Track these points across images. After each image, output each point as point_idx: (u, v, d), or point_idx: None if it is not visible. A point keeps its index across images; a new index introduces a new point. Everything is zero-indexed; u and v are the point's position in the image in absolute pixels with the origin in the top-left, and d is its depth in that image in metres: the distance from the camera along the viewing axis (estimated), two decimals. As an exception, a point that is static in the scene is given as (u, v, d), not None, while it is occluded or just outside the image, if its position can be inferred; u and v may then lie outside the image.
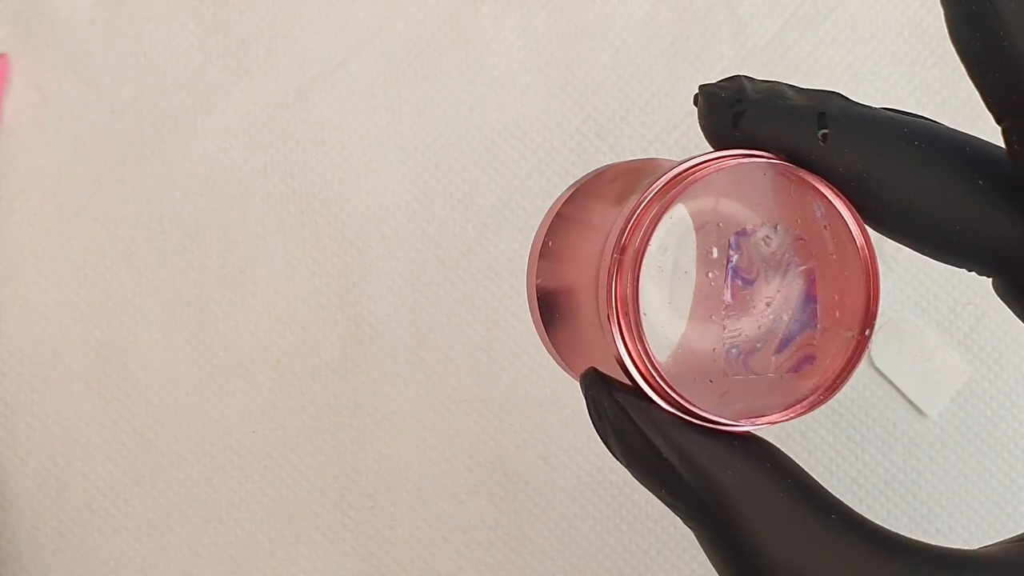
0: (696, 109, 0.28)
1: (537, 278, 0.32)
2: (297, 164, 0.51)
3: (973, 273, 0.28)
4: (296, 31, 0.52)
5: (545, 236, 0.33)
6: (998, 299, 0.28)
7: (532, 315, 0.32)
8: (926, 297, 0.51)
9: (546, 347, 0.32)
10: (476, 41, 0.52)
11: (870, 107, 0.28)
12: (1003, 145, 0.27)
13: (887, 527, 0.27)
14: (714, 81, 0.29)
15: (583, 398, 0.29)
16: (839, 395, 0.52)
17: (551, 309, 0.32)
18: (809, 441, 0.50)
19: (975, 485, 0.50)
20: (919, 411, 0.51)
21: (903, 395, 0.50)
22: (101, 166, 0.51)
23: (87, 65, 0.52)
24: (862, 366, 0.51)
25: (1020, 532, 0.27)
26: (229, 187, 0.51)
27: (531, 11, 0.52)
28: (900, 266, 0.51)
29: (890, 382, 0.51)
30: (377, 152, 0.52)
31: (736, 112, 0.28)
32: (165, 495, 0.51)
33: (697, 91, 0.29)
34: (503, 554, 0.50)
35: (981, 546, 0.27)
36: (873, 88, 0.51)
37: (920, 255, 0.29)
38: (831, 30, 0.52)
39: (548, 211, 0.33)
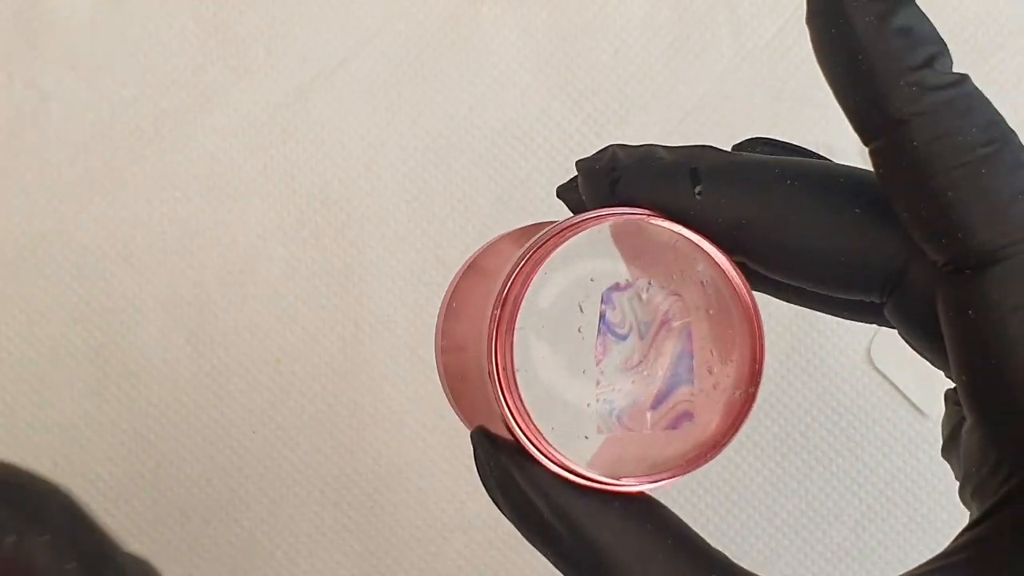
0: (699, 108, 0.28)
1: (443, 337, 0.32)
2: (297, 164, 0.51)
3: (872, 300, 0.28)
4: (296, 31, 0.52)
5: (451, 296, 0.33)
6: (933, 366, 0.28)
7: (438, 374, 0.33)
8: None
9: (453, 408, 0.32)
10: (476, 41, 0.52)
11: (741, 155, 0.28)
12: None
13: (886, 527, 0.27)
14: (593, 154, 0.29)
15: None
16: (839, 395, 0.53)
17: (455, 367, 0.32)
18: (809, 441, 0.50)
19: (975, 485, 0.50)
20: (919, 411, 0.51)
21: (903, 395, 0.50)
22: (101, 166, 0.51)
23: (87, 65, 0.52)
24: (862, 366, 0.51)
25: (912, 568, 0.26)
26: (229, 187, 0.51)
27: (531, 11, 0.52)
28: (900, 266, 0.51)
29: (890, 382, 0.51)
30: (377, 152, 0.52)
31: (612, 180, 0.28)
32: (165, 495, 0.51)
33: (575, 166, 0.29)
34: (503, 554, 0.50)
35: None
36: (873, 88, 0.51)
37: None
38: (831, 30, 0.52)
39: (460, 267, 0.33)
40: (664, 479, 0.27)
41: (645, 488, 0.27)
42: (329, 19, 0.52)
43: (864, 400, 0.51)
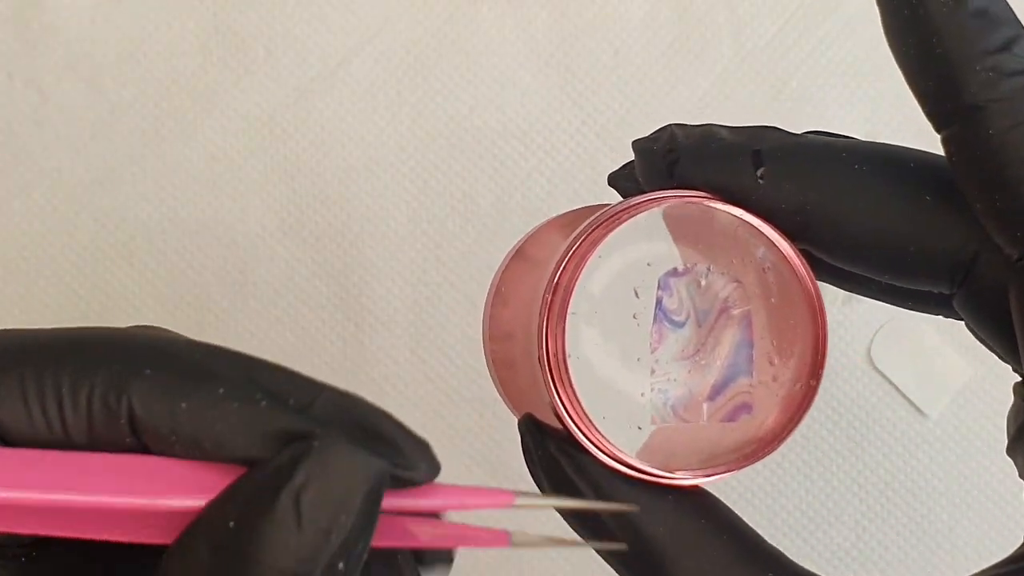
0: (699, 108, 0.28)
1: (491, 324, 0.32)
2: (297, 164, 0.51)
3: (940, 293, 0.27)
4: (296, 31, 0.52)
5: (499, 282, 0.32)
6: (1002, 360, 0.27)
7: (486, 361, 0.32)
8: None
9: (500, 395, 0.32)
10: (476, 41, 0.52)
11: (806, 136, 0.27)
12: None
13: (887, 527, 0.26)
14: (650, 133, 0.28)
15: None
16: (839, 395, 0.53)
17: (503, 354, 0.31)
18: (809, 442, 0.50)
19: (975, 486, 0.50)
20: (919, 411, 0.50)
21: (903, 395, 0.50)
22: (101, 166, 0.51)
23: (87, 65, 0.52)
24: (862, 366, 0.51)
25: (984, 568, 0.26)
26: (229, 187, 0.51)
27: (531, 11, 0.52)
28: (900, 266, 0.51)
29: (890, 382, 0.51)
30: (377, 152, 0.52)
31: (670, 161, 0.27)
32: (165, 495, 0.50)
33: (631, 146, 0.28)
34: (503, 554, 0.50)
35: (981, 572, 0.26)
36: (873, 88, 0.51)
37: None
38: (831, 30, 0.52)
39: (508, 252, 0.32)
40: (720, 473, 0.27)
41: (700, 482, 0.27)
42: (329, 19, 0.52)
43: (864, 400, 0.51)
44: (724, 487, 0.50)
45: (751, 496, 0.50)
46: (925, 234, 0.26)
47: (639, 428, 0.27)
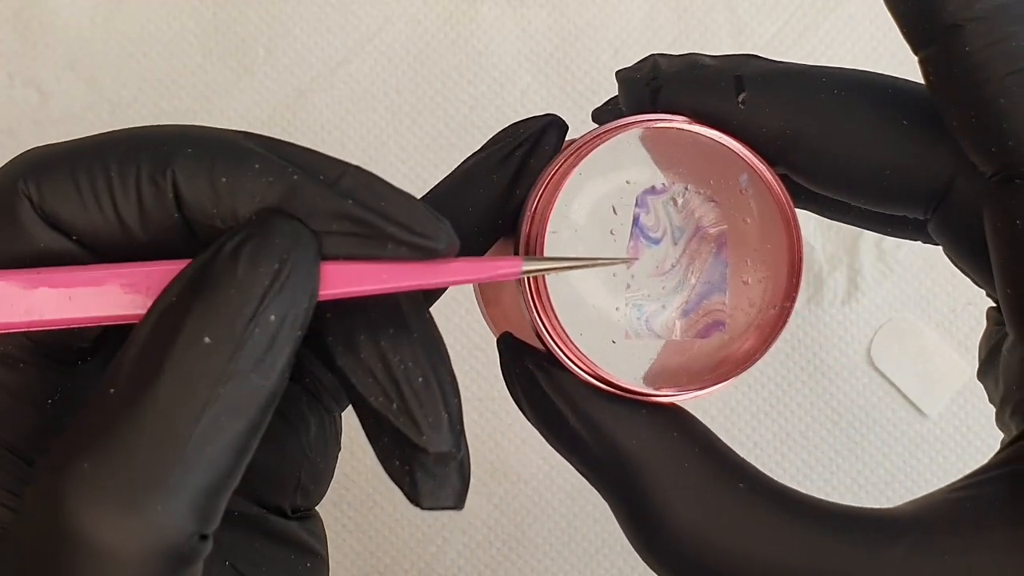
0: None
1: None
2: (297, 164, 0.51)
3: (916, 217, 0.27)
4: (296, 31, 0.52)
5: None
6: (976, 285, 0.28)
7: (475, 295, 0.32)
8: (926, 297, 0.51)
9: (484, 317, 0.32)
10: (476, 41, 0.52)
11: (787, 63, 0.27)
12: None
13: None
14: (634, 63, 0.28)
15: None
16: (839, 395, 0.53)
17: (486, 287, 0.31)
18: (809, 441, 0.50)
19: (975, 485, 0.50)
20: (919, 411, 0.51)
21: (903, 395, 0.50)
22: (101, 166, 0.51)
23: (87, 65, 0.52)
24: (862, 366, 0.51)
25: (952, 482, 0.26)
26: (229, 187, 0.51)
27: (531, 11, 0.52)
28: (900, 266, 0.51)
29: (890, 382, 0.51)
30: (377, 152, 0.52)
31: (653, 89, 0.27)
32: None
33: (615, 76, 0.29)
34: (503, 554, 0.50)
35: (905, 502, 0.27)
36: (873, 88, 0.51)
37: (925, 251, 0.29)
38: (831, 30, 0.52)
39: None
40: (694, 391, 0.27)
41: (675, 399, 0.27)
42: (329, 19, 0.52)
43: (864, 400, 0.51)
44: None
45: (751, 496, 0.50)
46: (902, 159, 0.26)
47: (613, 342, 0.27)
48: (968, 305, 0.51)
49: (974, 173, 0.25)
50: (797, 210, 0.27)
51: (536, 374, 0.27)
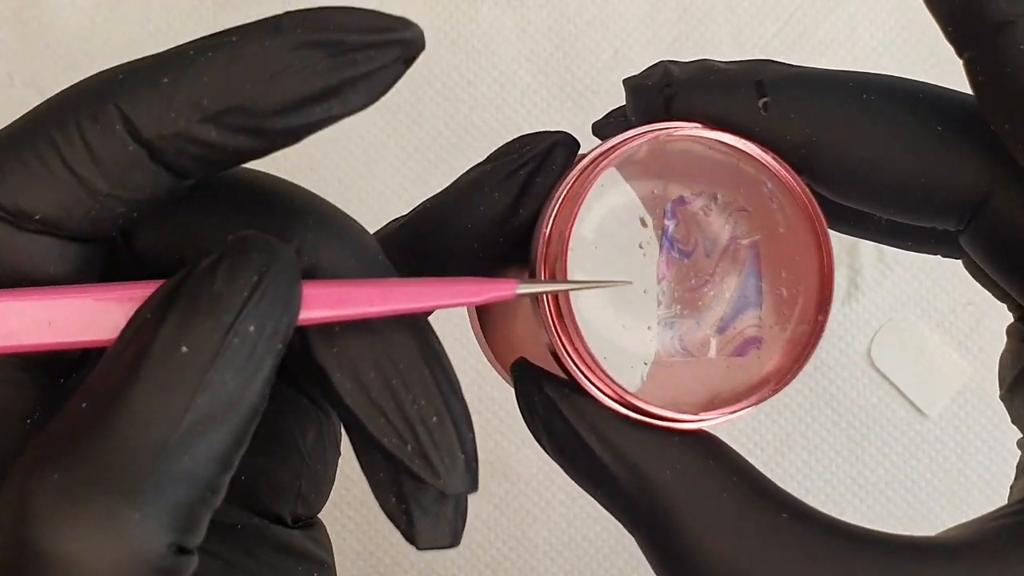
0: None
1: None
2: (297, 164, 0.51)
3: (945, 229, 0.26)
4: (296, 31, 0.52)
5: None
6: (999, 299, 0.27)
7: (469, 317, 0.30)
8: (926, 297, 0.51)
9: (483, 351, 0.30)
10: (476, 41, 0.52)
11: (807, 68, 0.26)
12: (961, 90, 0.25)
13: (887, 527, 0.26)
14: (642, 71, 0.27)
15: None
16: (840, 395, 0.52)
17: (486, 309, 0.30)
18: (809, 441, 0.50)
19: (975, 485, 0.50)
20: (919, 411, 0.50)
21: (903, 395, 0.50)
22: (101, 166, 0.51)
23: (86, 65, 0.51)
24: (862, 366, 0.51)
25: (994, 509, 0.26)
26: (229, 187, 0.51)
27: (531, 11, 0.52)
28: (900, 266, 0.51)
29: (890, 382, 0.51)
30: (377, 152, 0.52)
31: (667, 96, 0.26)
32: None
33: (622, 85, 0.27)
34: (503, 554, 0.50)
35: (943, 531, 0.25)
36: (873, 88, 0.51)
37: (918, 254, 0.28)
38: (831, 30, 0.52)
39: None
40: (728, 414, 0.25)
41: (707, 424, 0.25)
42: (329, 19, 0.52)
43: (864, 400, 0.51)
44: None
45: (751, 496, 0.50)
46: (935, 168, 0.24)
47: (644, 364, 0.26)
48: (968, 305, 0.51)
49: (1014, 181, 0.24)
50: None
51: (558, 402, 0.25)
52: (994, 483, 0.50)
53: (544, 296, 0.25)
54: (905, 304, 0.51)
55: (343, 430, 0.27)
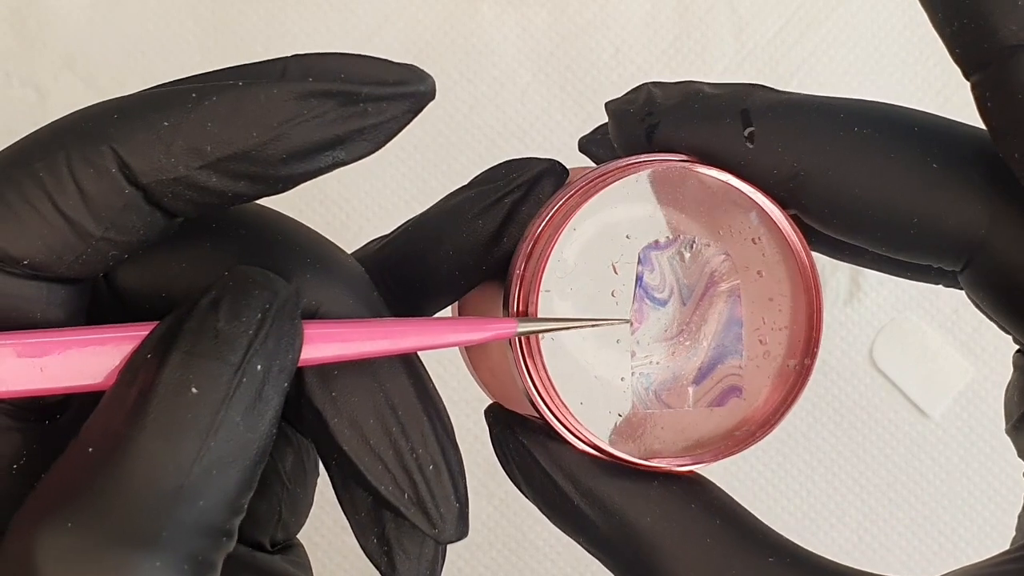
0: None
1: (460, 303, 0.30)
2: (296, 164, 0.51)
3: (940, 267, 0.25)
4: (295, 30, 0.52)
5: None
6: (1002, 330, 0.26)
7: (462, 353, 0.30)
8: (928, 297, 0.51)
9: (473, 377, 0.30)
10: (476, 41, 0.52)
11: (798, 94, 0.25)
12: (959, 119, 0.24)
13: (889, 528, 0.25)
14: (624, 94, 0.26)
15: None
16: (841, 396, 0.52)
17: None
18: (811, 442, 0.50)
19: (977, 486, 0.50)
20: (921, 412, 0.50)
21: (905, 396, 0.50)
22: (99, 166, 0.51)
23: (85, 64, 0.51)
24: (864, 367, 0.51)
25: (1009, 547, 0.24)
26: (228, 187, 0.51)
27: (531, 11, 0.52)
28: (902, 266, 0.51)
29: (892, 383, 0.50)
30: (377, 152, 0.51)
31: (649, 126, 0.25)
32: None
33: (604, 109, 0.26)
34: (503, 555, 0.50)
35: (948, 573, 0.24)
36: (874, 87, 0.51)
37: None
38: (832, 30, 0.51)
39: None
40: (705, 462, 0.25)
41: (685, 469, 0.25)
42: (328, 18, 0.52)
43: (866, 401, 0.50)
44: (724, 487, 0.50)
45: (752, 496, 0.50)
46: (931, 206, 0.23)
47: (619, 415, 0.25)
48: (970, 305, 0.50)
49: (1015, 221, 0.23)
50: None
51: (533, 450, 0.25)
52: (996, 484, 0.50)
53: (516, 343, 0.24)
54: (907, 304, 0.50)
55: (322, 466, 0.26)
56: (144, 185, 0.22)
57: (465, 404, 0.50)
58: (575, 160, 0.29)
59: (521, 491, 0.26)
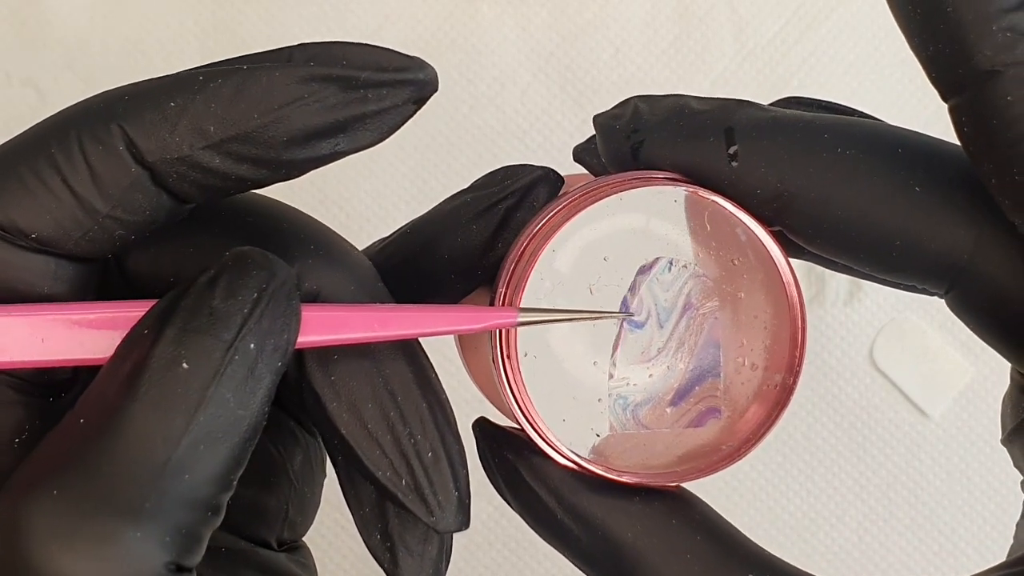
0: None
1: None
2: (296, 164, 0.51)
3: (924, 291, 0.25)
4: (295, 30, 0.52)
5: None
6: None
7: (454, 339, 0.30)
8: (928, 298, 0.50)
9: (471, 379, 0.30)
10: (476, 41, 0.52)
11: (784, 112, 0.25)
12: (944, 138, 0.24)
13: (889, 528, 0.25)
14: (612, 108, 0.26)
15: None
16: (842, 396, 0.52)
17: (466, 338, 0.29)
18: (811, 443, 0.50)
19: (977, 486, 0.50)
20: (921, 412, 0.50)
21: (905, 396, 0.50)
22: (99, 166, 0.51)
23: (85, 64, 0.51)
24: (864, 367, 0.51)
25: (1006, 559, 0.24)
26: (228, 187, 0.51)
27: (531, 11, 0.52)
28: (902, 266, 0.51)
29: (892, 383, 0.50)
30: (377, 152, 0.51)
31: (634, 144, 0.25)
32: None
33: (592, 122, 0.26)
34: (503, 555, 0.50)
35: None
36: (874, 87, 0.51)
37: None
38: (832, 30, 0.51)
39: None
40: (690, 479, 0.25)
41: (666, 485, 0.25)
42: (328, 18, 0.52)
43: (867, 401, 0.50)
44: (724, 488, 0.50)
45: (752, 497, 0.50)
46: (914, 230, 0.23)
47: (597, 435, 0.25)
48: (970, 305, 0.50)
49: (998, 243, 0.23)
50: (796, 259, 0.25)
51: (517, 464, 0.25)
52: (996, 484, 0.50)
53: (498, 361, 0.25)
54: (907, 304, 0.50)
55: (328, 460, 0.26)
56: (150, 164, 0.22)
57: (466, 404, 0.50)
58: (574, 160, 0.29)
59: (508, 504, 0.26)
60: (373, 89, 0.23)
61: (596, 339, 0.25)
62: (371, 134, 0.24)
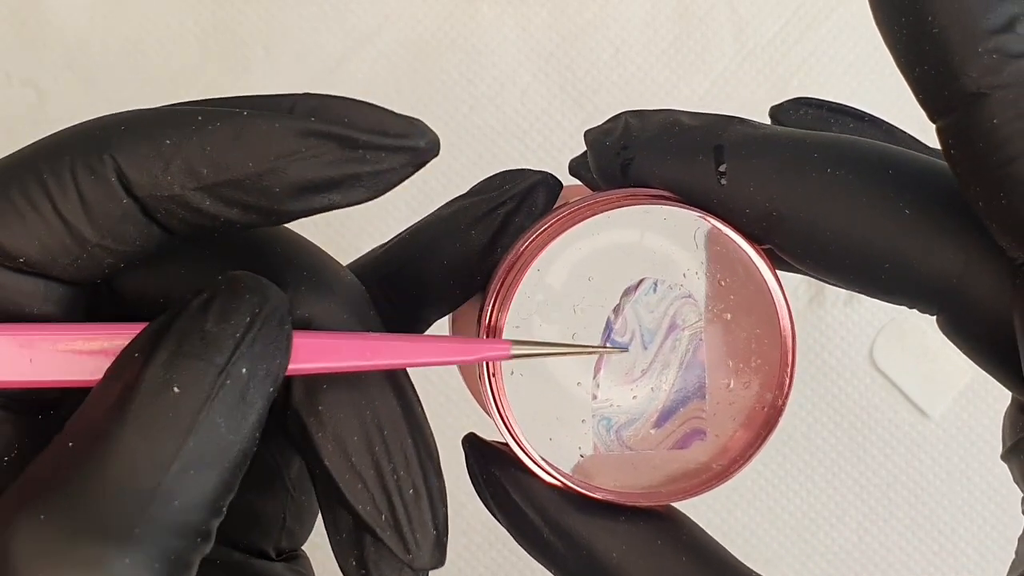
0: (699, 108, 0.26)
1: (453, 321, 0.30)
2: (296, 164, 0.51)
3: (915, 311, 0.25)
4: (295, 31, 0.52)
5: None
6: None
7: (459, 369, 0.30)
8: (928, 298, 0.51)
9: (467, 385, 0.30)
10: (476, 41, 0.52)
11: (775, 129, 0.24)
12: (935, 154, 0.24)
13: (889, 529, 0.25)
14: (603, 123, 0.26)
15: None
16: (842, 396, 0.52)
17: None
18: (811, 443, 0.50)
19: (977, 487, 0.50)
20: (921, 412, 0.50)
21: (905, 396, 0.50)
22: (99, 166, 0.51)
23: (85, 64, 0.51)
24: (864, 367, 0.51)
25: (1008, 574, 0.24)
26: (228, 187, 0.51)
27: (531, 10, 0.52)
28: (902, 266, 0.51)
29: (893, 383, 0.50)
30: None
31: (624, 161, 0.25)
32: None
33: (583, 138, 0.26)
34: (503, 556, 0.50)
35: None
36: (874, 87, 0.51)
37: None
38: (832, 30, 0.51)
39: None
40: (677, 499, 0.25)
41: (651, 504, 0.25)
42: (328, 18, 0.52)
43: (866, 401, 0.50)
44: (724, 488, 0.50)
45: (752, 497, 0.50)
46: (903, 253, 0.23)
47: (581, 455, 0.25)
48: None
49: (988, 266, 0.23)
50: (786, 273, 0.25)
51: (504, 481, 0.25)
52: (996, 484, 0.50)
53: (485, 379, 0.25)
54: (907, 304, 0.50)
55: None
56: (140, 198, 0.22)
57: (466, 404, 0.50)
58: (572, 156, 0.29)
59: (496, 519, 0.26)
60: (372, 151, 0.23)
61: (581, 359, 0.25)
62: (365, 192, 0.24)
